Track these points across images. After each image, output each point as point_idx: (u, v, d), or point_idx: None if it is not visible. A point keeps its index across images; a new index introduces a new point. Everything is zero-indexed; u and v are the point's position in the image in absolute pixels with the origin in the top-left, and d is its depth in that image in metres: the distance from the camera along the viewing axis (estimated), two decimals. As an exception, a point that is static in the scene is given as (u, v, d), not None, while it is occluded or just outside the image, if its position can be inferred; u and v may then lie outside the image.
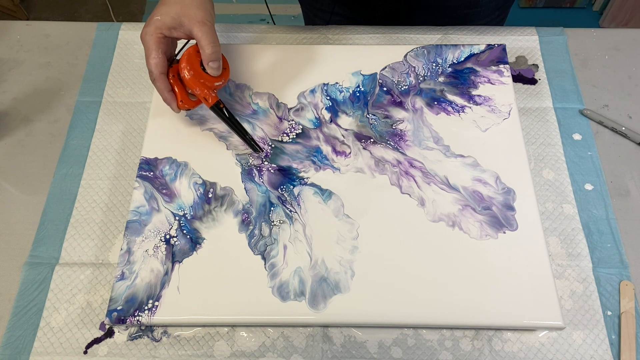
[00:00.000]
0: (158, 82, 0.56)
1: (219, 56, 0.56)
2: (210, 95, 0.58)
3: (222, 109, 0.59)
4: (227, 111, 0.59)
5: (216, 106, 0.58)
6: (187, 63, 0.56)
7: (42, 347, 0.53)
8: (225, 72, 0.59)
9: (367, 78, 0.67)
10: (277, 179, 0.60)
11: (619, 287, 0.55)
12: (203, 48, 0.55)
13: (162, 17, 0.55)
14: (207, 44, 0.55)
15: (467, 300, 0.52)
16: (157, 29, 0.55)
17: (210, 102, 0.58)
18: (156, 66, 0.55)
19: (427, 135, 0.62)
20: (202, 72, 0.57)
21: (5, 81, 0.70)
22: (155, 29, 0.55)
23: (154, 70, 0.56)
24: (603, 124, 0.66)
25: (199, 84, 0.57)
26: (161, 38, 0.56)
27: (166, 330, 0.54)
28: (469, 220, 0.56)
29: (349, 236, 0.56)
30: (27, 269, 0.57)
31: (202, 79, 0.57)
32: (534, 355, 0.52)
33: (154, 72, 0.56)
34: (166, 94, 0.57)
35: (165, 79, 0.56)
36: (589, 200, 0.60)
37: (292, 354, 0.52)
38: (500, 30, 0.73)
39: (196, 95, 0.58)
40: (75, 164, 0.63)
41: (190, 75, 0.56)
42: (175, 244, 0.56)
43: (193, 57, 0.57)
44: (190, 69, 0.56)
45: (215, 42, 0.55)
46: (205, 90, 0.57)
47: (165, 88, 0.56)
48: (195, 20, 0.55)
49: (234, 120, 0.59)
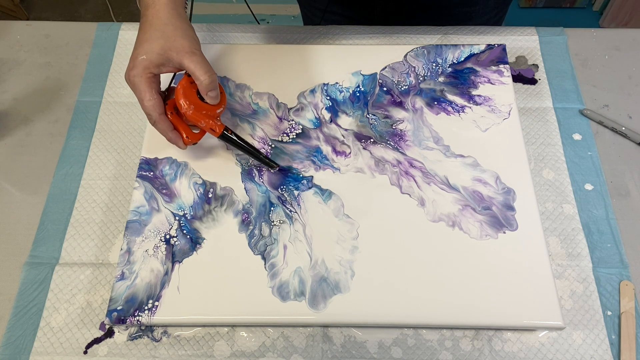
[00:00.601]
0: (159, 124, 0.54)
1: (215, 86, 0.54)
2: (216, 124, 0.56)
3: (231, 135, 0.57)
4: (236, 136, 0.57)
5: (225, 134, 0.56)
6: (184, 98, 0.54)
7: (42, 347, 0.53)
8: (222, 96, 0.57)
9: (367, 78, 0.67)
10: (277, 179, 0.59)
11: (619, 287, 0.55)
12: (199, 79, 0.52)
13: (147, 56, 0.52)
14: (202, 74, 0.52)
15: (467, 300, 0.52)
16: (145, 68, 0.52)
17: (218, 131, 0.56)
18: (154, 108, 0.53)
19: (427, 135, 0.62)
20: (201, 103, 0.54)
21: (5, 81, 0.70)
22: (144, 69, 0.52)
23: (152, 113, 0.53)
24: (603, 124, 0.66)
25: (202, 116, 0.55)
26: (151, 77, 0.53)
27: (166, 330, 0.54)
28: (469, 220, 0.56)
29: (349, 236, 0.56)
30: (27, 269, 0.57)
31: (204, 110, 0.55)
32: (534, 355, 0.52)
33: (152, 115, 0.53)
34: (170, 134, 0.54)
35: (166, 119, 0.54)
36: (589, 200, 0.60)
37: (292, 354, 0.52)
38: (500, 30, 0.73)
39: (201, 128, 0.56)
40: (75, 164, 0.63)
41: (191, 110, 0.54)
42: (175, 244, 0.56)
43: (188, 90, 0.54)
44: (190, 103, 0.54)
45: (210, 70, 0.53)
46: (210, 120, 0.55)
47: (167, 128, 0.54)
48: (183, 52, 0.52)
49: (245, 143, 0.57)
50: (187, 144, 0.57)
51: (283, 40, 0.73)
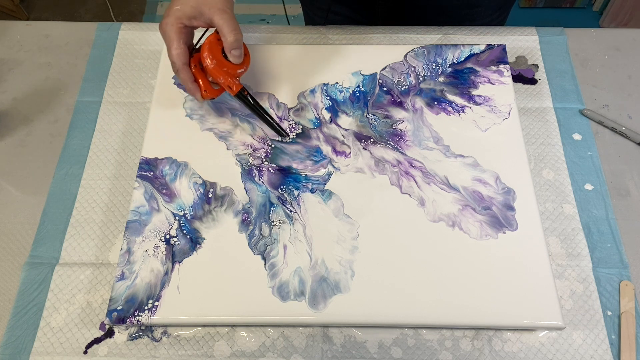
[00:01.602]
0: (181, 73, 0.56)
1: (241, 44, 0.56)
2: (234, 83, 0.58)
3: (247, 96, 0.59)
4: (251, 98, 0.59)
5: (240, 94, 0.58)
6: (209, 52, 0.56)
7: (42, 347, 0.53)
8: (246, 58, 0.59)
9: (367, 78, 0.67)
10: (278, 179, 0.60)
11: (619, 287, 0.55)
12: (225, 36, 0.54)
13: (181, 7, 0.55)
14: (228, 32, 0.54)
15: (467, 300, 0.52)
16: (178, 19, 0.55)
17: (235, 90, 0.58)
18: (179, 57, 0.55)
19: (427, 135, 0.62)
20: (224, 61, 0.56)
21: (5, 81, 0.70)
22: (176, 19, 0.55)
23: (176, 61, 0.55)
24: (603, 124, 0.66)
25: (222, 72, 0.57)
26: (182, 28, 0.55)
27: (166, 330, 0.54)
28: (469, 220, 0.56)
29: (349, 236, 0.56)
30: (27, 269, 0.57)
31: (225, 67, 0.57)
32: (534, 355, 0.52)
33: (176, 63, 0.55)
34: (190, 85, 0.57)
35: (188, 70, 0.56)
36: (589, 200, 0.60)
37: (292, 354, 0.52)
38: (500, 30, 0.73)
39: (220, 84, 0.58)
40: (75, 164, 0.63)
41: (213, 65, 0.56)
42: (175, 244, 0.56)
43: (214, 45, 0.56)
44: (213, 57, 0.56)
45: (237, 30, 0.55)
46: (228, 78, 0.57)
47: (188, 79, 0.56)
48: (215, 8, 0.54)
49: (259, 107, 0.59)
50: (204, 98, 0.59)
51: (283, 40, 0.73)
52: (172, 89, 0.66)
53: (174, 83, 0.66)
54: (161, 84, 0.66)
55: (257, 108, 0.59)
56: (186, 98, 0.65)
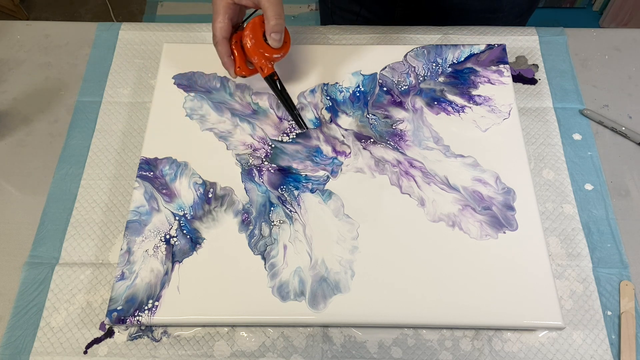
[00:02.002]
0: (219, 46, 0.58)
1: (282, 29, 0.57)
2: (267, 66, 0.59)
3: (276, 80, 0.60)
4: (279, 84, 0.60)
5: (270, 77, 0.60)
6: (250, 31, 0.58)
7: (42, 347, 0.53)
8: (285, 45, 0.60)
9: (367, 78, 0.67)
10: (278, 179, 0.60)
11: (619, 287, 0.55)
12: (268, 19, 0.56)
13: None
14: (272, 16, 0.56)
15: (467, 300, 0.52)
16: None
17: (266, 72, 0.59)
18: (220, 30, 0.57)
19: (427, 135, 0.62)
20: (263, 43, 0.58)
21: (5, 81, 0.70)
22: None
23: (217, 34, 0.57)
24: (603, 124, 0.66)
25: (258, 53, 0.58)
26: (230, 4, 0.57)
27: (166, 330, 0.54)
28: (469, 220, 0.56)
29: (349, 236, 0.56)
30: (27, 269, 0.57)
31: (262, 49, 0.58)
32: (534, 355, 0.52)
33: (217, 36, 0.57)
34: (226, 59, 0.59)
35: (227, 44, 0.58)
36: (589, 200, 0.60)
37: (292, 354, 0.52)
38: (500, 30, 0.73)
39: (253, 64, 0.60)
40: (75, 164, 0.63)
41: (251, 44, 0.58)
42: (175, 244, 0.56)
43: (257, 26, 0.58)
44: (253, 37, 0.58)
45: (281, 15, 0.57)
46: (262, 60, 0.59)
47: (225, 52, 0.58)
48: None
49: (285, 94, 0.61)
50: (237, 74, 0.60)
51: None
52: (172, 89, 0.66)
53: (174, 83, 0.66)
54: (161, 84, 0.66)
55: (283, 95, 0.61)
56: (186, 98, 0.65)
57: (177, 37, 0.73)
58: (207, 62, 0.67)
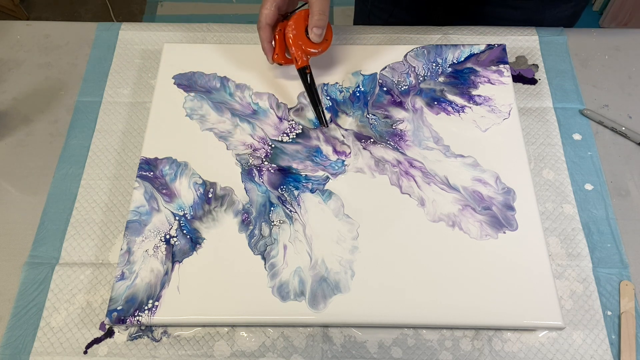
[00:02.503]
0: (261, 32, 0.60)
1: (324, 25, 0.59)
2: (302, 58, 0.61)
3: (307, 74, 0.61)
4: (310, 78, 0.62)
5: (303, 69, 0.61)
6: (294, 22, 0.60)
7: (42, 347, 0.53)
8: (325, 43, 0.61)
9: (367, 78, 0.67)
10: (278, 179, 0.60)
11: (619, 287, 0.55)
12: (312, 14, 0.58)
13: None
14: (316, 11, 0.58)
15: (467, 301, 0.52)
16: None
17: (300, 64, 0.61)
18: (265, 16, 0.59)
19: (427, 135, 0.62)
20: (304, 36, 0.60)
21: (5, 81, 0.70)
22: None
23: (261, 20, 0.59)
24: (603, 124, 0.66)
25: (297, 44, 0.60)
26: None
27: (166, 330, 0.54)
28: (469, 220, 0.56)
29: (349, 236, 0.56)
30: (27, 269, 0.57)
31: (302, 41, 0.60)
32: (534, 355, 0.52)
33: (261, 21, 0.60)
34: (265, 44, 0.61)
35: (269, 31, 0.60)
36: (589, 200, 0.60)
37: (292, 354, 0.52)
38: (500, 30, 0.73)
39: (291, 55, 0.61)
40: (75, 164, 0.63)
41: (292, 35, 0.60)
42: (175, 244, 0.56)
43: (302, 19, 0.60)
44: (295, 28, 0.60)
45: (325, 12, 0.58)
46: (299, 52, 0.60)
47: (265, 38, 0.60)
48: None
49: (313, 89, 0.62)
50: (274, 61, 0.62)
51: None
52: (172, 89, 0.66)
53: (174, 83, 0.66)
54: (161, 84, 0.66)
55: (312, 89, 0.62)
56: (186, 98, 0.65)
57: (177, 37, 0.73)
58: (207, 62, 0.67)
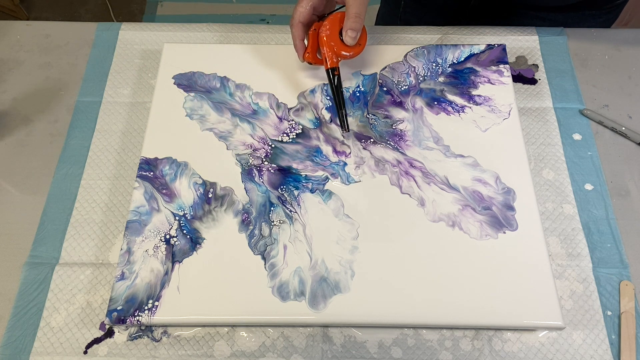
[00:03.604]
0: (294, 29, 0.60)
1: (358, 28, 0.59)
2: (332, 59, 0.60)
3: (335, 76, 0.61)
4: (337, 80, 0.61)
5: (331, 70, 0.61)
6: (329, 22, 0.60)
7: (42, 347, 0.53)
8: (358, 47, 0.61)
9: (367, 78, 0.67)
10: (277, 179, 0.60)
11: (619, 287, 0.55)
12: (348, 16, 0.58)
13: None
14: (352, 14, 0.58)
15: (467, 300, 0.52)
16: None
17: (329, 64, 0.60)
18: (299, 14, 0.59)
19: (427, 135, 0.62)
20: (337, 37, 0.60)
21: (5, 81, 0.70)
22: None
23: (295, 17, 0.60)
24: (603, 124, 0.66)
25: (329, 45, 0.60)
26: None
27: (166, 330, 0.54)
28: (469, 220, 0.56)
29: (349, 236, 0.56)
30: (27, 269, 0.57)
31: (334, 42, 0.60)
32: (534, 355, 0.52)
33: (294, 18, 0.60)
34: (297, 42, 0.61)
35: (301, 29, 0.60)
36: (589, 200, 0.60)
37: (292, 354, 0.52)
38: (500, 30, 0.73)
39: (321, 55, 0.61)
40: (75, 164, 0.63)
41: (325, 35, 0.60)
42: (175, 244, 0.56)
43: (337, 21, 0.60)
44: (329, 29, 0.60)
45: (360, 16, 0.58)
46: (330, 53, 0.60)
47: (298, 36, 0.61)
48: None
49: (339, 91, 0.61)
50: (304, 59, 0.62)
51: (283, 40, 0.73)
52: (172, 89, 0.66)
53: (174, 83, 0.66)
54: (161, 84, 0.66)
55: (338, 92, 0.61)
56: (186, 98, 0.65)
57: (177, 37, 0.73)
58: (207, 62, 0.67)
